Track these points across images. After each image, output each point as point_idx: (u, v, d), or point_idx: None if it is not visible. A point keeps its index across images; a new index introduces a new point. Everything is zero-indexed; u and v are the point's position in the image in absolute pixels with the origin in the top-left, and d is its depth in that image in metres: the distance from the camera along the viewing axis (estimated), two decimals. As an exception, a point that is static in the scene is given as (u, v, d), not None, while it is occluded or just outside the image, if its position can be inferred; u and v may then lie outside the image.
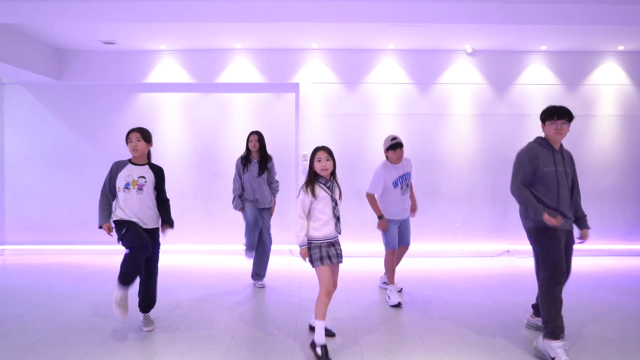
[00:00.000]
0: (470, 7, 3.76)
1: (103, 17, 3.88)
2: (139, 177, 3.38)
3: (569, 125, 3.11)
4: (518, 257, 6.01)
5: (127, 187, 3.33)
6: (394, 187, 4.22)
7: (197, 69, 6.21)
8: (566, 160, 3.17)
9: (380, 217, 4.21)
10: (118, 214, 3.33)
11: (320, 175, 3.08)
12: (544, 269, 3.02)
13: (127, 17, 3.90)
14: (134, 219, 3.31)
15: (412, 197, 4.49)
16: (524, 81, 6.24)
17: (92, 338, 3.31)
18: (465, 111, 6.26)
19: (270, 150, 5.40)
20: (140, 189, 3.35)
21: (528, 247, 3.26)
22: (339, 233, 3.13)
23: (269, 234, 4.70)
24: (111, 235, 3.31)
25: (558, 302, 2.97)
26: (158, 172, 3.52)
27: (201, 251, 6.27)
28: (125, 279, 3.18)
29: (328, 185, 3.09)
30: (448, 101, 6.25)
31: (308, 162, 3.17)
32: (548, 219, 2.91)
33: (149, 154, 3.57)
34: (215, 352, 3.10)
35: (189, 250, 6.28)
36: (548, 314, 2.97)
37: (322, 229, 3.04)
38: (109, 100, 6.35)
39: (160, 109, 6.37)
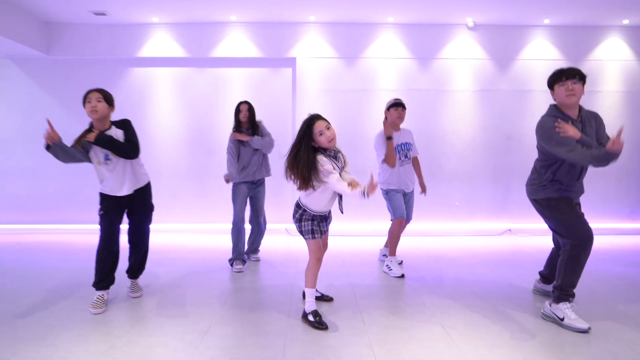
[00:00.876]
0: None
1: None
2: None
3: (582, 85, 2.80)
4: (520, 236, 5.85)
5: (107, 158, 3.02)
6: None
7: (191, 42, 6.02)
8: (587, 127, 2.84)
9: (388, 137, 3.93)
10: (104, 187, 3.08)
11: (327, 148, 2.71)
12: (573, 237, 2.77)
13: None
14: (121, 191, 3.06)
15: (419, 175, 4.28)
16: (527, 56, 6.09)
17: (78, 303, 3.15)
18: (466, 87, 6.10)
19: (266, 126, 5.22)
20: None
21: (530, 225, 3.14)
22: (342, 212, 2.86)
23: (263, 216, 4.44)
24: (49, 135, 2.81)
25: (579, 272, 2.78)
26: (124, 125, 3.12)
27: (195, 230, 6.10)
28: (97, 283, 3.08)
29: (333, 156, 2.74)
30: (448, 76, 6.09)
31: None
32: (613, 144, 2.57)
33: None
34: (208, 315, 2.94)
35: (182, 230, 6.10)
36: (562, 280, 2.80)
37: (320, 204, 2.80)
38: (100, 75, 6.15)
39: (154, 84, 6.18)
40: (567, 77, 2.80)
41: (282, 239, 5.73)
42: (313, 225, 2.83)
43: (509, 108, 6.10)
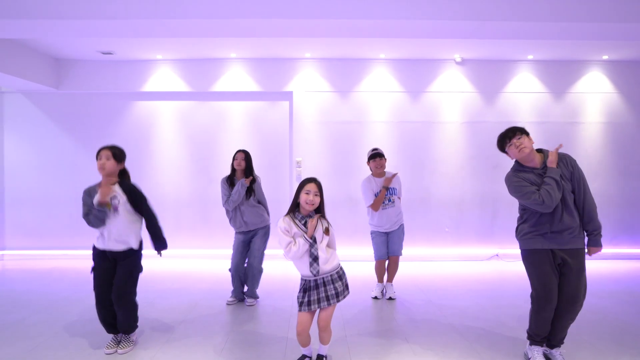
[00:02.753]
0: (456, 25, 3.92)
1: (104, 33, 4.03)
2: (111, 199, 3.16)
3: (527, 136, 2.96)
4: (507, 261, 6.17)
5: (115, 209, 3.17)
6: (375, 197, 4.43)
7: (193, 77, 6.36)
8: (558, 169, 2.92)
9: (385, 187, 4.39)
10: (95, 240, 3.25)
11: (303, 208, 2.83)
12: (532, 289, 3.01)
13: (128, 33, 4.05)
14: (109, 246, 3.18)
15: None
16: (512, 89, 6.41)
17: (92, 342, 3.45)
18: (455, 119, 6.43)
19: (264, 157, 5.50)
20: (115, 209, 3.16)
21: (516, 251, 3.33)
22: (314, 275, 2.80)
23: (258, 257, 4.35)
24: (112, 203, 3.14)
25: (543, 324, 2.97)
26: (131, 191, 3.23)
27: (197, 256, 6.41)
28: (106, 330, 3.31)
29: (304, 222, 2.84)
30: (438, 109, 6.42)
31: (298, 186, 2.90)
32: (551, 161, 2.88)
33: (124, 174, 3.34)
34: (211, 355, 3.24)
35: (185, 255, 6.42)
36: (529, 327, 3.07)
37: (298, 264, 2.85)
38: (106, 109, 6.49)
39: (157, 117, 6.51)
40: (510, 138, 2.97)
41: (280, 265, 6.02)
42: (310, 296, 2.86)
43: (495, 139, 6.39)
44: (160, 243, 3.38)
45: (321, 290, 2.85)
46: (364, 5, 3.87)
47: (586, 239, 3.02)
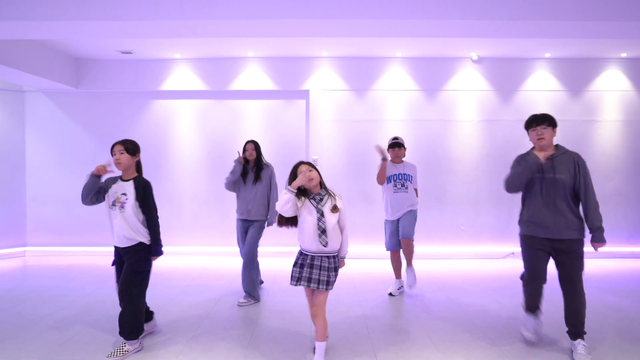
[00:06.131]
0: (473, 24, 3.93)
1: (131, 35, 4.10)
2: (122, 194, 3.18)
3: (553, 129, 3.12)
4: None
5: (113, 204, 3.20)
6: (388, 182, 4.56)
7: (211, 76, 6.42)
8: (560, 167, 3.09)
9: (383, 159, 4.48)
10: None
11: (310, 190, 2.92)
12: (524, 267, 3.34)
13: (154, 33, 4.11)
14: (117, 242, 3.23)
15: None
16: (529, 88, 6.40)
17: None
18: (471, 117, 6.43)
19: (280, 155, 5.52)
20: (122, 206, 3.16)
21: None
22: (324, 246, 2.85)
23: (250, 246, 4.32)
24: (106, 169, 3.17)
25: (527, 298, 3.36)
26: (139, 185, 3.21)
27: (214, 253, 6.48)
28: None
29: (317, 198, 2.92)
30: (454, 107, 6.43)
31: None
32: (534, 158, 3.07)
33: (139, 167, 3.36)
34: (236, 350, 3.30)
35: (202, 252, 6.50)
36: (524, 297, 3.43)
37: (302, 235, 2.92)
38: (125, 107, 6.57)
39: (175, 116, 6.59)
40: (537, 124, 3.12)
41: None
42: (301, 272, 2.92)
43: (512, 137, 6.40)
44: (154, 247, 3.24)
45: (315, 271, 2.90)
46: (388, 5, 3.89)
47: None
